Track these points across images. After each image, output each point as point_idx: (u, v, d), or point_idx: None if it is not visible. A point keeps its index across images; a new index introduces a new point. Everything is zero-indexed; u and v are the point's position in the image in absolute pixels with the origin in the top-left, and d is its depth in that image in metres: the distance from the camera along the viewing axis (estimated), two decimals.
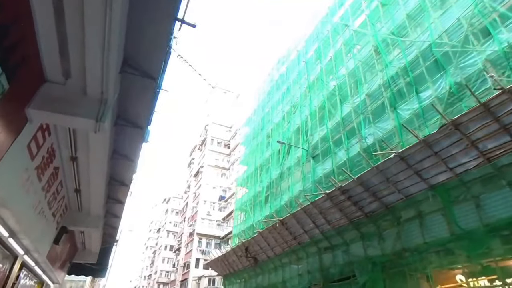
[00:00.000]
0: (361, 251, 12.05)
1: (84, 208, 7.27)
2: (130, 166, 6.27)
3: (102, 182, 5.97)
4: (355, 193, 11.39)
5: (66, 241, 8.69)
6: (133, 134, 5.32)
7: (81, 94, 3.73)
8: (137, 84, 4.18)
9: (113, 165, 6.36)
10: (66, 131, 4.59)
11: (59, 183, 5.74)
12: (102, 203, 7.16)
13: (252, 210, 22.59)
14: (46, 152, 4.55)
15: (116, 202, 7.96)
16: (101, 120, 3.68)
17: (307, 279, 14.70)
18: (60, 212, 6.70)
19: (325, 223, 13.31)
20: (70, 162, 5.32)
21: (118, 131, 5.25)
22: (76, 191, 6.43)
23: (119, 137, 5.53)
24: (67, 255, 9.67)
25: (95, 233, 8.88)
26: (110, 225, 9.87)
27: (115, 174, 6.78)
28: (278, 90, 24.17)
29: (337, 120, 15.33)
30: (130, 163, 6.18)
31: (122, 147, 5.90)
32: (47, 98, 3.56)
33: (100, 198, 6.78)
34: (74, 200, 6.90)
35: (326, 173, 15.13)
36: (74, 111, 3.64)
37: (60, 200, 6.29)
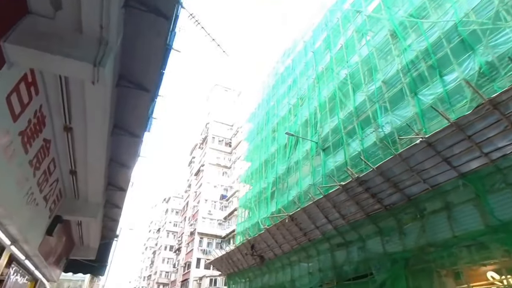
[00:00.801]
0: (379, 247, 11.24)
1: (81, 194, 6.44)
2: (133, 144, 5.44)
3: (102, 161, 5.14)
4: (374, 184, 10.58)
5: (62, 233, 7.86)
6: (139, 100, 4.51)
7: (75, 31, 2.93)
8: (145, 22, 3.37)
9: (114, 144, 5.55)
10: (58, 90, 3.77)
11: (51, 161, 4.91)
12: (102, 189, 6.33)
13: (257, 207, 21.77)
14: (33, 116, 3.74)
15: (117, 189, 7.13)
16: (100, 64, 2.87)
17: (318, 278, 13.87)
18: (54, 198, 5.88)
19: (339, 217, 12.49)
20: (63, 134, 4.50)
21: (120, 94, 4.43)
22: (71, 172, 5.61)
23: (121, 106, 4.71)
24: (63, 250, 8.84)
25: (93, 225, 8.04)
26: (110, 217, 9.04)
27: (117, 155, 5.95)
28: (284, 83, 23.38)
29: (349, 110, 14.54)
30: (134, 141, 5.35)
31: (124, 119, 5.09)
32: (30, 33, 2.75)
33: (99, 182, 5.95)
34: (69, 185, 6.07)
35: (338, 165, 14.33)
36: (65, 50, 2.82)
37: (53, 184, 5.46)
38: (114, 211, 8.56)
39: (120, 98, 4.53)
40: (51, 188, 5.51)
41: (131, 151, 5.66)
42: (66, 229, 7.98)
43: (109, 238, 11.06)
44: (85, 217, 6.70)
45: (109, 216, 8.96)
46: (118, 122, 5.15)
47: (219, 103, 57.32)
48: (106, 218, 9.04)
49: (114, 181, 6.95)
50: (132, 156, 5.94)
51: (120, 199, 7.81)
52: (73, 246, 10.13)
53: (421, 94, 11.02)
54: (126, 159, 6.02)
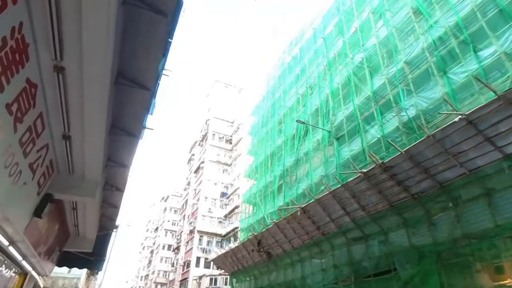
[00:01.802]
0: (403, 240, 10.28)
1: (77, 168, 5.41)
2: (141, 100, 4.42)
3: (102, 118, 4.12)
4: (401, 170, 9.62)
5: (54, 219, 6.83)
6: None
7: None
8: None
9: (116, 104, 4.55)
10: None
11: (39, 117, 3.90)
12: (101, 163, 5.30)
13: (263, 202, 20.77)
14: (11, 37, 2.74)
15: (119, 165, 6.11)
16: None
17: (332, 275, 12.89)
18: (43, 170, 4.86)
19: (358, 208, 11.51)
20: (53, 75, 3.48)
21: None
22: (64, 137, 4.59)
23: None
24: (55, 240, 7.79)
25: (90, 209, 7.00)
26: (109, 203, 8.01)
27: (119, 119, 4.95)
28: (291, 73, 22.42)
29: (366, 95, 13.59)
30: (141, 92, 4.32)
31: (128, 69, 4.10)
32: None
33: (98, 152, 4.93)
34: (62, 156, 5.05)
35: (354, 154, 13.38)
36: None
37: (41, 150, 4.44)
38: (115, 196, 7.52)
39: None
40: (39, 156, 4.48)
41: (137, 110, 4.64)
42: (59, 214, 6.94)
43: (108, 229, 10.00)
44: (81, 197, 5.65)
45: (109, 201, 7.93)
46: (122, 71, 4.16)
47: (219, 100, 56.35)
48: (105, 204, 8.01)
49: (115, 156, 5.94)
50: (138, 119, 4.92)
51: (122, 179, 6.79)
52: (67, 236, 9.07)
53: (451, 73, 10.08)
54: (131, 123, 5.01)
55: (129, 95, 4.32)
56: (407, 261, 9.93)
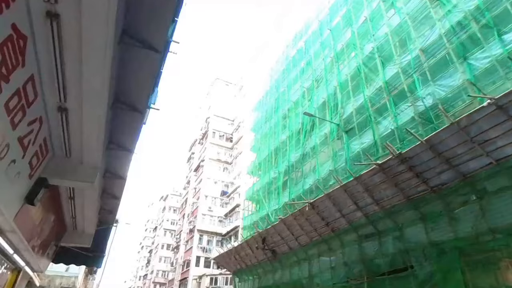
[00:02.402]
0: (421, 236, 9.69)
1: (74, 150, 4.82)
2: (149, 63, 3.83)
3: (104, 87, 3.53)
4: (420, 161, 9.05)
5: (50, 210, 6.23)
6: None
7: None
8: None
9: (120, 67, 3.97)
10: None
11: (30, 80, 3.31)
12: (101, 144, 4.70)
13: (267, 199, 20.18)
14: None
15: (121, 149, 5.52)
16: None
17: (343, 273, 12.31)
18: (36, 149, 4.26)
19: (371, 203, 10.94)
20: (46, 24, 2.89)
21: None
22: (60, 110, 4.00)
23: None
24: (51, 233, 7.20)
25: (89, 198, 6.40)
26: (110, 193, 7.42)
27: (122, 91, 4.36)
28: (296, 66, 21.84)
29: (378, 85, 13.02)
30: (150, 57, 3.74)
31: (134, 26, 3.52)
32: None
33: (99, 129, 4.33)
34: (58, 134, 4.45)
35: (365, 147, 12.79)
36: None
37: (33, 124, 3.85)
38: (116, 185, 6.93)
39: None
40: (31, 131, 3.89)
41: (143, 78, 4.04)
42: (54, 204, 6.35)
43: (108, 223, 9.41)
44: (79, 182, 5.06)
45: (109, 191, 7.35)
46: (127, 29, 3.56)
47: (219, 98, 55.78)
48: (105, 194, 7.43)
49: (117, 138, 5.35)
50: (145, 90, 4.33)
51: (124, 165, 6.20)
52: (64, 230, 8.47)
53: (472, 59, 9.52)
54: (136, 95, 4.42)
55: (136, 57, 3.73)
56: (426, 258, 9.37)
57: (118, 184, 6.92)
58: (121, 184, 6.93)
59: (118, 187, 7.09)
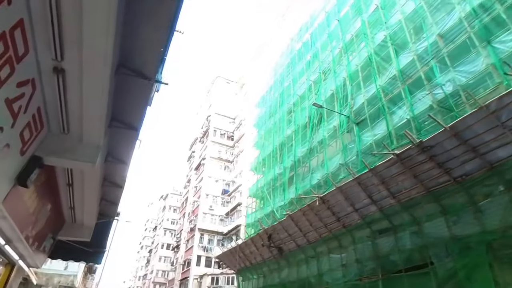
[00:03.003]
0: (442, 230, 9.11)
1: (73, 124, 4.23)
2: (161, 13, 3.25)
3: (108, 37, 2.95)
4: (442, 150, 8.47)
5: (45, 196, 5.63)
6: None
7: None
8: None
9: (126, 17, 3.39)
10: None
11: (18, 26, 2.73)
12: (104, 116, 4.11)
13: (272, 195, 19.60)
14: None
15: (125, 127, 4.92)
16: None
17: (355, 270, 11.72)
18: (28, 119, 3.67)
19: (386, 196, 10.36)
20: None
21: None
22: (56, 71, 3.41)
23: None
24: (48, 224, 6.59)
25: (90, 185, 5.80)
26: (112, 182, 6.82)
27: (129, 56, 3.79)
28: (301, 60, 21.28)
29: (391, 74, 12.46)
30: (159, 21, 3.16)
31: None
32: None
33: (101, 98, 3.75)
34: (54, 104, 3.87)
35: (378, 139, 12.23)
36: None
37: (24, 85, 3.27)
38: (119, 171, 6.32)
39: None
40: (22, 95, 3.31)
41: (154, 31, 3.45)
42: (51, 190, 5.75)
43: (109, 215, 8.79)
44: (78, 162, 4.46)
45: (111, 179, 6.75)
46: None
47: (220, 96, 55.23)
48: (106, 182, 6.83)
49: (121, 113, 4.76)
50: (155, 55, 3.74)
51: (128, 148, 5.60)
52: (62, 222, 7.87)
53: (497, 42, 8.96)
54: (144, 61, 3.83)
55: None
56: (448, 254, 8.79)
57: (121, 171, 6.32)
58: (124, 171, 6.33)
59: (121, 175, 6.49)
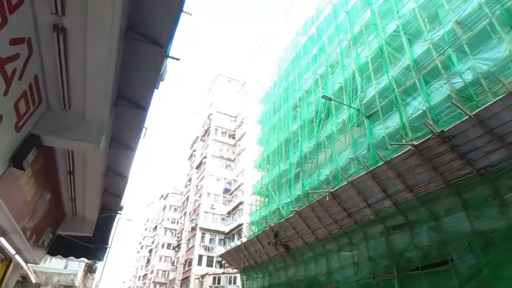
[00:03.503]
0: (463, 225, 8.63)
1: (75, 98, 3.76)
2: None
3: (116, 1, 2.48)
4: (466, 139, 8.00)
5: (44, 184, 5.15)
6: None
7: None
8: None
9: None
10: None
11: None
12: (110, 89, 3.63)
13: (277, 192, 19.12)
14: None
15: (132, 106, 4.45)
16: None
17: (367, 268, 11.24)
18: (24, 87, 3.18)
19: (402, 190, 9.88)
20: None
21: None
22: (57, 30, 2.93)
23: None
24: (47, 216, 6.11)
25: (92, 172, 5.30)
26: (115, 172, 6.33)
27: (137, 23, 3.31)
28: (307, 54, 20.81)
29: (405, 65, 11.98)
30: None
31: None
32: None
33: (107, 67, 3.27)
34: (53, 74, 3.40)
35: (391, 132, 11.76)
36: None
37: (18, 44, 2.78)
38: (124, 157, 5.84)
39: None
40: (15, 56, 2.82)
41: None
42: (50, 178, 5.27)
43: (112, 209, 8.32)
44: (81, 143, 3.98)
45: (115, 168, 6.26)
46: None
47: (222, 94, 54.75)
48: (110, 172, 6.35)
49: (128, 90, 4.28)
50: (169, 18, 3.26)
51: (134, 131, 5.11)
52: (62, 216, 7.38)
53: None
54: (155, 24, 3.35)
55: None
56: (469, 250, 8.32)
57: (126, 158, 5.84)
58: (129, 158, 5.85)
59: (126, 163, 6.00)
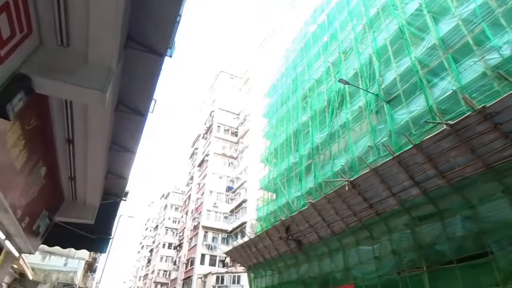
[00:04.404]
0: (505, 213, 7.79)
1: (75, 33, 2.92)
2: None
3: None
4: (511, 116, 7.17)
5: (38, 153, 4.30)
6: None
7: None
8: None
9: None
10: None
11: None
12: (119, 27, 2.81)
13: (286, 186, 18.27)
14: None
15: (146, 50, 3.60)
16: None
17: (391, 263, 10.39)
18: (4, 1, 2.37)
19: (433, 176, 9.03)
20: None
21: None
22: None
23: None
24: (42, 195, 5.25)
25: (95, 141, 4.46)
26: (122, 146, 5.49)
27: None
28: (316, 42, 19.99)
29: (429, 44, 11.16)
30: None
31: None
32: None
33: None
34: None
35: (415, 116, 10.92)
36: None
37: None
38: (132, 127, 4.99)
39: None
40: None
41: None
42: (45, 145, 4.42)
43: (116, 194, 7.47)
44: (82, 88, 3.12)
45: (121, 142, 5.42)
46: None
47: (224, 92, 53.99)
48: (115, 147, 5.50)
49: (140, 34, 3.45)
50: None
51: (147, 87, 4.26)
52: (60, 199, 6.53)
53: None
54: None
55: None
56: None
57: (135, 127, 4.98)
58: (138, 126, 4.99)
59: (134, 132, 5.15)
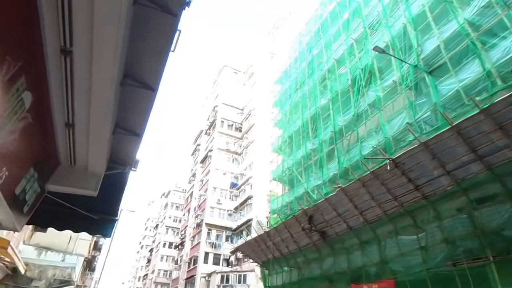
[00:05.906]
0: None
1: None
2: None
3: None
4: None
5: (20, 77, 2.78)
6: None
7: None
8: None
9: None
10: None
11: None
12: None
13: (304, 175, 16.81)
14: None
15: None
16: None
17: (442, 254, 8.92)
18: None
19: (504, 147, 7.58)
20: None
21: None
22: None
23: None
24: (27, 142, 3.71)
25: (100, 79, 2.97)
26: (136, 80, 3.99)
27: None
28: (335, 21, 18.58)
29: (483, 3, 9.73)
30: None
31: None
32: None
33: None
34: None
35: (467, 85, 9.49)
36: None
37: None
38: (151, 63, 3.50)
39: None
40: None
41: None
42: (29, 56, 2.93)
43: (124, 162, 5.92)
44: None
45: (135, 75, 3.93)
46: None
47: (228, 87, 52.73)
48: (128, 80, 4.00)
49: None
50: None
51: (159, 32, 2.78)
52: (54, 161, 5.01)
53: None
54: None
55: None
56: None
57: (155, 67, 3.49)
58: (160, 64, 3.48)
59: (154, 71, 3.65)
